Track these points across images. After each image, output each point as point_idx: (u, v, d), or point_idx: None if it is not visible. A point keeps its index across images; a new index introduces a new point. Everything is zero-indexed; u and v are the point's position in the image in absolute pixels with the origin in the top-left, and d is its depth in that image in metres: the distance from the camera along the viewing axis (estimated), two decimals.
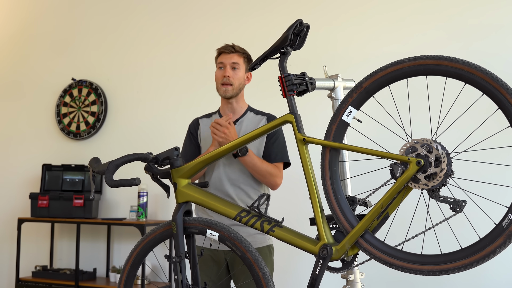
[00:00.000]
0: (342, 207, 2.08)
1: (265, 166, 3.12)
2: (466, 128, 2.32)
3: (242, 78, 3.24)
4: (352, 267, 2.22)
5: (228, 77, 3.19)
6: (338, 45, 4.73)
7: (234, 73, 3.21)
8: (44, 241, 5.76)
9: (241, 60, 3.23)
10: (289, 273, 4.50)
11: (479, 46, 4.24)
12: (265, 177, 3.15)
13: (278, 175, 3.19)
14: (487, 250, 1.77)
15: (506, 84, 1.76)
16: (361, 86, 2.05)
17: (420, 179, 1.90)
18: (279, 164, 3.22)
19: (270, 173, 3.14)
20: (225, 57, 3.23)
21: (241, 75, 3.23)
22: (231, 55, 3.22)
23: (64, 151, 5.83)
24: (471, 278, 4.03)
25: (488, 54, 4.15)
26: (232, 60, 3.21)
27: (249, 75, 3.30)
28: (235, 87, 3.21)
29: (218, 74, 3.24)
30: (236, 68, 3.21)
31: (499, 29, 4.24)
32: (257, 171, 3.11)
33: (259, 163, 3.10)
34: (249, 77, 3.32)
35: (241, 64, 3.22)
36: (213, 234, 2.27)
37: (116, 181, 2.23)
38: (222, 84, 3.21)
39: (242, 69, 3.23)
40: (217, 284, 3.18)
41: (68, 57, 6.01)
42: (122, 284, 2.49)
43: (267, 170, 3.13)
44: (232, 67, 3.21)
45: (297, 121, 2.18)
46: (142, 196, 5.03)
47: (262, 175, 3.13)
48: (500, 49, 4.20)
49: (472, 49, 4.24)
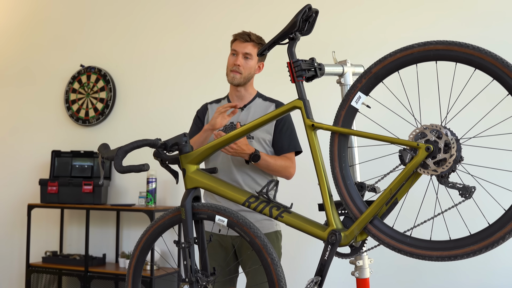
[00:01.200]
0: (351, 192, 2.08)
1: (278, 163, 3.13)
2: (475, 114, 2.31)
3: (252, 68, 3.23)
4: (360, 252, 2.22)
5: (239, 66, 3.18)
6: (347, 31, 4.71)
7: (245, 63, 3.20)
8: (53, 227, 5.79)
9: (255, 50, 3.21)
10: (298, 259, 4.51)
11: (493, 33, 4.21)
12: (279, 172, 3.16)
13: (291, 166, 3.19)
14: (496, 236, 1.77)
15: None
16: (370, 71, 2.04)
17: (429, 165, 1.89)
18: (291, 154, 3.22)
19: (284, 167, 3.15)
20: (240, 45, 3.22)
21: (252, 65, 3.22)
22: (245, 44, 3.21)
23: (73, 137, 5.85)
24: (479, 265, 4.02)
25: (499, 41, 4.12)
26: (245, 50, 3.20)
27: (261, 65, 3.29)
28: (244, 76, 3.20)
29: (230, 60, 3.24)
30: (248, 58, 3.20)
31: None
32: (271, 169, 3.13)
33: (272, 162, 3.10)
34: (261, 67, 3.30)
35: (253, 55, 3.21)
36: (222, 220, 2.27)
37: (125, 166, 2.24)
38: (232, 70, 3.21)
39: (254, 60, 3.22)
40: (226, 270, 3.19)
41: (77, 43, 6.01)
42: (132, 269, 2.50)
43: (281, 165, 3.13)
44: (245, 57, 3.20)
45: (306, 106, 2.17)
46: (151, 182, 5.05)
47: (277, 171, 3.14)
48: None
49: (485, 35, 4.20)
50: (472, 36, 4.11)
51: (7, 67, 6.37)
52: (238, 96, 3.29)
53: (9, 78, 6.34)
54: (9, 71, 6.35)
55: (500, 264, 4.02)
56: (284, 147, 3.19)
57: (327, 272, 2.10)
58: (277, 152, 3.20)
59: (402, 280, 4.27)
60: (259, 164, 3.08)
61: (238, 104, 3.12)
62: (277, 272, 2.16)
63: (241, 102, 3.28)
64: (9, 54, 6.39)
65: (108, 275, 5.00)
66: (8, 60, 6.37)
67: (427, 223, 2.05)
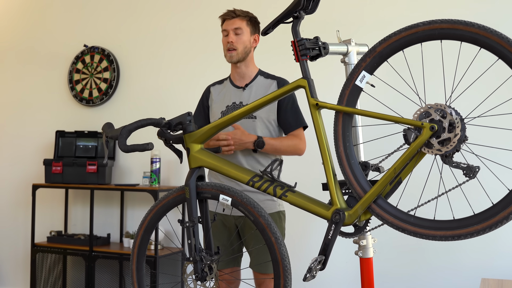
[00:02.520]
0: (355, 172, 2.08)
1: (285, 144, 3.13)
2: (480, 93, 2.30)
3: (247, 41, 3.23)
4: (364, 232, 2.23)
5: (232, 43, 3.20)
6: (351, 10, 4.68)
7: (238, 38, 3.21)
8: (58, 207, 5.81)
9: (243, 23, 3.23)
10: (302, 238, 4.53)
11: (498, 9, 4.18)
12: (289, 152, 3.17)
13: (300, 143, 3.19)
14: (500, 216, 1.77)
15: None
16: (375, 50, 2.03)
17: (433, 144, 1.89)
18: (299, 130, 3.21)
19: (292, 146, 3.15)
20: (228, 24, 3.25)
21: (246, 38, 3.23)
22: (233, 21, 3.23)
23: (77, 117, 5.85)
24: (483, 245, 4.03)
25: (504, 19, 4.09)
26: (234, 26, 3.22)
27: (256, 37, 3.30)
28: (240, 52, 3.21)
29: (223, 41, 3.27)
30: (239, 33, 3.21)
31: None
32: (280, 151, 3.14)
33: (278, 145, 3.11)
34: (257, 39, 3.31)
35: (244, 28, 3.22)
36: (226, 199, 2.28)
37: (129, 146, 2.25)
38: (227, 50, 3.22)
39: (246, 33, 3.23)
40: (229, 249, 3.21)
41: (80, 23, 5.99)
42: (136, 249, 2.52)
43: (288, 145, 3.14)
44: (235, 33, 3.21)
45: (310, 86, 2.17)
46: (155, 162, 5.05)
47: (287, 151, 3.16)
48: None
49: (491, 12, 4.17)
50: (479, 14, 4.09)
51: (10, 47, 6.35)
52: (239, 74, 3.29)
53: (13, 59, 6.33)
54: (12, 52, 6.33)
55: (503, 245, 4.03)
56: (291, 124, 3.19)
57: (331, 251, 2.11)
58: (285, 130, 3.21)
59: (405, 260, 4.29)
60: (266, 150, 3.09)
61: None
62: (281, 251, 2.17)
63: (242, 81, 3.29)
64: (12, 35, 6.37)
65: (113, 254, 5.02)
66: (12, 40, 6.35)
67: (431, 203, 2.06)
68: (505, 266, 4.01)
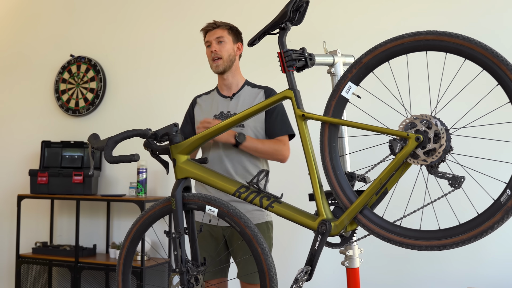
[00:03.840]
0: (341, 182, 2.09)
1: (267, 145, 3.13)
2: (465, 104, 2.32)
3: (230, 49, 3.25)
4: (350, 242, 2.23)
5: (216, 51, 3.22)
6: (338, 21, 4.70)
7: (221, 46, 3.23)
8: (44, 217, 5.78)
9: (225, 32, 3.25)
10: (288, 249, 4.52)
11: (482, 24, 4.22)
12: (271, 155, 3.15)
13: (283, 149, 3.18)
14: (485, 226, 1.78)
15: (506, 59, 1.75)
16: (361, 61, 2.04)
17: (419, 155, 1.90)
18: (283, 137, 3.21)
19: (275, 150, 3.14)
20: (210, 34, 3.27)
21: (229, 47, 3.24)
22: (214, 31, 3.26)
23: (63, 127, 5.83)
24: (468, 255, 4.05)
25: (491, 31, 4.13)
26: (216, 36, 3.23)
27: (239, 45, 3.31)
28: (225, 60, 3.22)
29: (208, 52, 3.28)
30: (222, 42, 3.23)
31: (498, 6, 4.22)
32: (261, 152, 3.12)
33: (260, 145, 3.10)
34: (240, 48, 3.33)
35: (226, 37, 3.24)
36: (212, 210, 2.28)
37: (115, 157, 2.24)
38: (212, 60, 3.23)
39: (229, 41, 3.25)
40: (216, 260, 3.20)
41: (67, 33, 5.97)
42: (122, 260, 2.50)
43: (270, 148, 3.13)
44: (218, 42, 3.23)
45: (296, 96, 2.17)
46: (142, 173, 5.04)
47: (268, 153, 3.14)
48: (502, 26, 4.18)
49: (475, 26, 4.21)
50: (464, 27, 4.12)
51: None
52: (226, 85, 3.29)
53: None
54: None
55: (489, 254, 4.04)
56: (276, 131, 3.19)
57: (317, 262, 2.11)
58: (269, 137, 3.20)
59: (392, 270, 4.30)
60: (247, 147, 3.07)
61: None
62: (267, 262, 2.17)
63: (229, 91, 3.29)
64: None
65: (99, 265, 4.99)
66: None
67: (416, 213, 2.07)
68: (490, 276, 4.03)
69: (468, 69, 2.01)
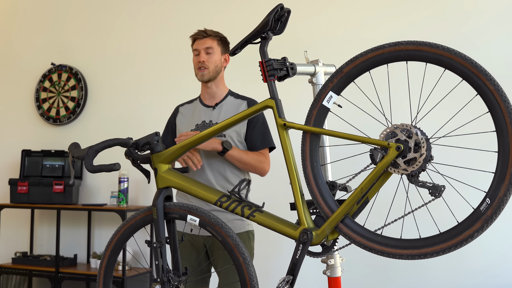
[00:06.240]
0: (323, 192, 2.09)
1: (251, 157, 3.13)
2: (445, 113, 2.33)
3: (218, 61, 3.25)
4: (332, 251, 2.24)
5: (203, 62, 3.21)
6: (319, 30, 4.72)
7: (209, 57, 3.22)
8: (24, 227, 5.72)
9: (214, 43, 3.24)
10: (270, 258, 4.52)
11: (465, 34, 4.26)
12: (253, 167, 3.16)
13: (265, 162, 3.19)
14: (465, 234, 1.79)
15: (485, 70, 1.77)
16: (342, 71, 2.05)
17: (399, 164, 1.91)
18: (265, 150, 3.22)
19: (258, 161, 3.15)
20: (199, 43, 3.25)
21: (217, 58, 3.24)
22: (204, 40, 3.24)
23: (44, 136, 5.79)
24: (450, 264, 4.07)
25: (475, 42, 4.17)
26: (205, 45, 3.23)
27: (226, 57, 3.31)
28: (211, 70, 3.22)
29: (194, 60, 3.27)
30: (210, 53, 3.22)
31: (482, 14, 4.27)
32: (245, 163, 3.12)
33: (244, 156, 3.11)
34: (227, 59, 3.32)
35: (215, 48, 3.24)
36: (194, 219, 2.27)
37: (96, 166, 2.23)
38: (198, 68, 3.22)
39: (217, 52, 3.24)
40: (198, 270, 3.18)
41: (48, 41, 5.94)
42: (103, 270, 2.49)
43: (254, 159, 3.13)
44: (207, 52, 3.23)
45: (277, 106, 2.18)
46: (123, 182, 5.02)
47: (250, 165, 3.14)
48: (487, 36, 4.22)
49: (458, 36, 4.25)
50: (446, 37, 4.16)
51: None
52: (209, 94, 3.29)
53: None
54: None
55: (470, 264, 4.07)
56: (257, 144, 3.19)
57: (299, 271, 2.11)
58: (250, 149, 3.20)
59: (374, 279, 4.30)
60: (233, 157, 3.07)
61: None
62: (249, 272, 2.17)
63: (212, 101, 3.28)
64: None
65: (79, 275, 4.95)
66: None
67: (397, 222, 2.08)
68: (471, 285, 4.05)
69: (448, 79, 2.03)
